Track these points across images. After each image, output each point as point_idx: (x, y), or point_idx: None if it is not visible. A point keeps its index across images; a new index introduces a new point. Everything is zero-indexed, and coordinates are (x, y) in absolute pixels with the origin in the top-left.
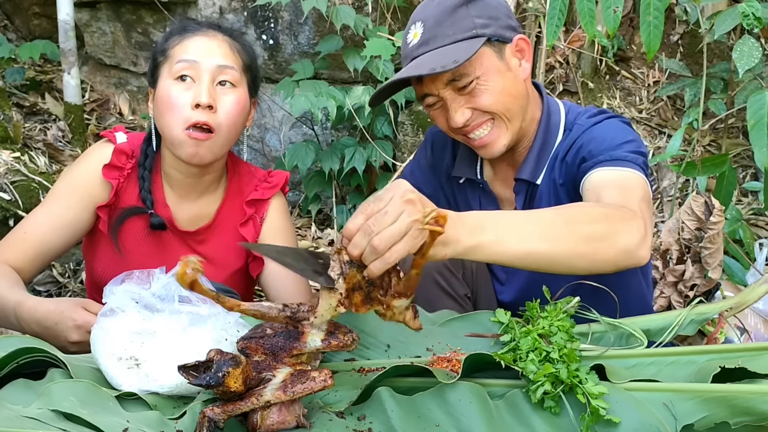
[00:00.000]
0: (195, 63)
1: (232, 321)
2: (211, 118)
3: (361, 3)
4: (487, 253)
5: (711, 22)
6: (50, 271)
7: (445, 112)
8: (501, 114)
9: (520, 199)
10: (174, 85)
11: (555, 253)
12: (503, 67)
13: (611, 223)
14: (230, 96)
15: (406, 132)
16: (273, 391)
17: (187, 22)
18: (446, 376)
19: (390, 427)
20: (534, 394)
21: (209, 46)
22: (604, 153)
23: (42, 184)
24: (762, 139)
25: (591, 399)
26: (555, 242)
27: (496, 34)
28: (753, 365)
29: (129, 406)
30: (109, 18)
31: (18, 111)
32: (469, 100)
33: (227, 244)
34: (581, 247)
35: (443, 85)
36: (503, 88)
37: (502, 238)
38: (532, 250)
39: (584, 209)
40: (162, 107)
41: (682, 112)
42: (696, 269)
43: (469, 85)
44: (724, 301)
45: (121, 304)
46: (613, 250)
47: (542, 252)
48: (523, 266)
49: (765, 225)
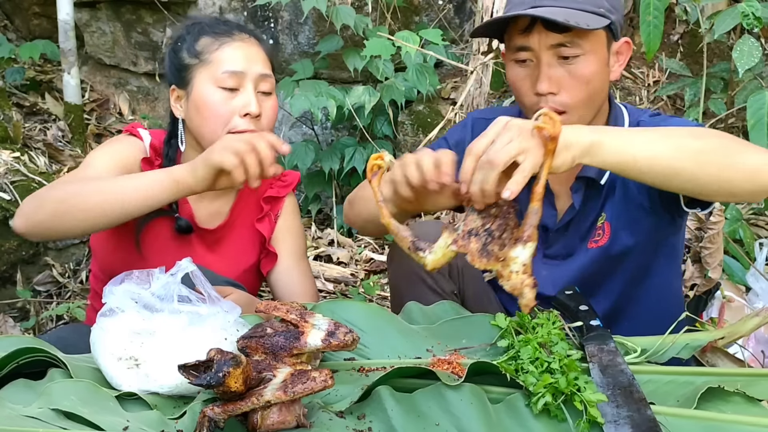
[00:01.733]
0: (241, 74)
1: (231, 320)
2: (256, 125)
3: (361, 3)
4: (612, 151)
5: (711, 22)
6: (50, 271)
7: (532, 74)
8: (580, 104)
9: (579, 196)
10: (217, 92)
11: (682, 156)
12: (606, 59)
13: (738, 141)
14: (269, 103)
15: (406, 132)
16: (273, 391)
17: (214, 22)
18: (449, 379)
19: (390, 426)
20: (535, 406)
21: (250, 54)
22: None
23: (42, 184)
24: (762, 139)
25: (588, 407)
26: (681, 147)
27: (615, 23)
28: (751, 391)
29: (129, 406)
30: (109, 18)
31: (18, 111)
32: (564, 72)
33: (243, 241)
34: (710, 155)
35: (548, 46)
36: (598, 77)
37: (626, 138)
38: (657, 153)
39: (707, 129)
40: (205, 113)
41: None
42: (696, 269)
43: (574, 57)
44: (717, 331)
45: (120, 304)
46: (744, 164)
47: (668, 156)
48: (647, 173)
49: (765, 225)
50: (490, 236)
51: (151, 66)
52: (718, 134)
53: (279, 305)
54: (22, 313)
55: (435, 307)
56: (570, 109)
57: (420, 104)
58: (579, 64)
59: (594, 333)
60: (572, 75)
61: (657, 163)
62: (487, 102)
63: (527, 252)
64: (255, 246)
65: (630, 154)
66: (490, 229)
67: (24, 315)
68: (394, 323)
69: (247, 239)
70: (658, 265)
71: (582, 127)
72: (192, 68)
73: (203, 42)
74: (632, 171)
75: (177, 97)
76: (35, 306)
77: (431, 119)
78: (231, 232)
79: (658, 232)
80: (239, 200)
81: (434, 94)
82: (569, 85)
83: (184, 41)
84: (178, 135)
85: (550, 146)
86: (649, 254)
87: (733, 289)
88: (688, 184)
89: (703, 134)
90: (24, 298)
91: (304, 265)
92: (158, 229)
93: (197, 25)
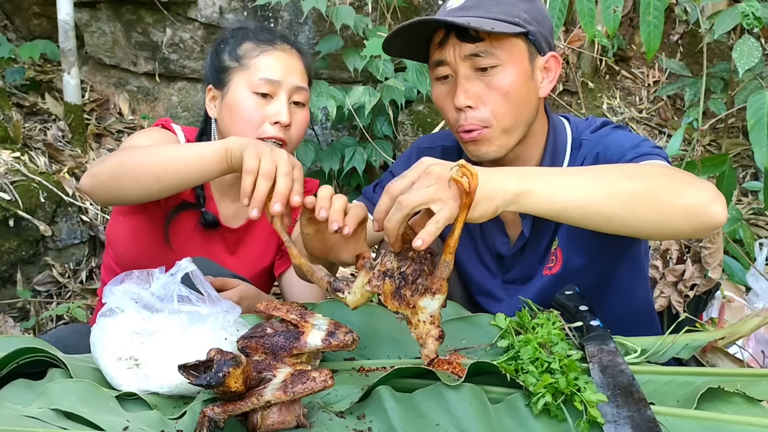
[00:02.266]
0: (277, 83)
1: (231, 320)
2: (285, 134)
3: (361, 3)
4: (540, 200)
5: (711, 22)
6: (50, 271)
7: (452, 89)
8: (501, 117)
9: (528, 222)
10: (251, 97)
11: (614, 202)
12: (528, 72)
13: (675, 179)
14: (301, 114)
15: (406, 132)
16: (273, 391)
17: (260, 29)
18: (449, 380)
19: (390, 426)
20: (535, 406)
21: (289, 65)
22: (628, 153)
23: (42, 184)
24: (762, 139)
25: (588, 407)
26: (613, 192)
27: (535, 36)
28: (751, 391)
29: (129, 406)
30: (109, 18)
31: (18, 111)
32: (482, 85)
33: (261, 242)
34: (643, 198)
35: (463, 58)
36: (519, 90)
37: (555, 185)
38: (588, 200)
39: (642, 165)
40: (237, 116)
41: (682, 112)
42: (696, 269)
43: (490, 68)
44: (717, 331)
45: (120, 304)
46: (681, 204)
47: (600, 202)
48: (578, 221)
49: (765, 225)
50: (404, 280)
51: (151, 66)
52: (658, 172)
53: (279, 305)
54: (22, 313)
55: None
56: (491, 123)
57: (420, 104)
58: (496, 75)
59: (594, 333)
60: (490, 87)
61: (588, 211)
62: None
63: (435, 303)
64: (272, 248)
65: (560, 203)
66: (405, 273)
67: (24, 315)
68: (394, 323)
69: (265, 241)
70: (620, 277)
71: (508, 173)
72: (231, 71)
73: (245, 47)
74: (562, 218)
75: (212, 96)
76: (35, 306)
77: (431, 119)
78: (251, 232)
79: (613, 248)
80: None
81: None
82: (488, 99)
83: (227, 44)
84: (210, 133)
85: (466, 200)
86: (607, 268)
87: (733, 289)
88: (623, 228)
89: (639, 174)
90: (24, 298)
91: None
92: (184, 223)
93: (242, 30)
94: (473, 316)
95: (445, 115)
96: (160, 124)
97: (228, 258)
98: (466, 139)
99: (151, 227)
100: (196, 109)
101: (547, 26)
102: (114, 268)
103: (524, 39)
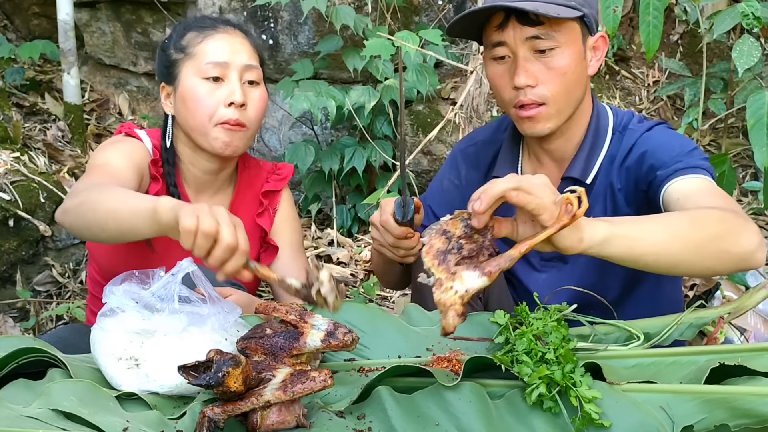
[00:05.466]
0: (225, 64)
1: (231, 321)
2: (242, 115)
3: (361, 3)
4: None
5: (710, 22)
6: (50, 271)
7: (510, 69)
8: (558, 96)
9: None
10: (202, 83)
11: (683, 251)
12: (582, 52)
13: (733, 225)
14: (256, 92)
15: (406, 132)
16: (273, 391)
17: (200, 18)
18: (446, 378)
19: (390, 426)
20: (529, 397)
21: (234, 45)
22: (678, 161)
23: (42, 184)
24: (761, 139)
25: (584, 403)
26: (684, 244)
27: (589, 17)
28: (753, 364)
29: (129, 406)
30: (109, 18)
31: (18, 111)
32: (541, 65)
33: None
34: (707, 247)
35: (523, 40)
36: (574, 70)
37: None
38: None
39: (707, 212)
40: (191, 105)
41: (681, 112)
42: None
43: (549, 50)
44: (723, 306)
45: (121, 303)
46: (737, 251)
47: (672, 252)
48: (651, 267)
49: (765, 225)
50: (457, 248)
51: (151, 66)
52: (719, 218)
53: (278, 306)
54: (22, 313)
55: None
56: (548, 101)
57: (420, 104)
58: (555, 57)
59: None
60: (549, 67)
61: (661, 260)
62: (487, 102)
63: (478, 282)
64: (255, 241)
65: (637, 252)
66: (461, 243)
67: (24, 315)
68: (394, 323)
69: (248, 235)
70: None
71: (598, 222)
72: (178, 63)
73: (188, 36)
74: (636, 265)
75: (167, 94)
76: (35, 306)
77: (431, 119)
78: None
79: None
80: (237, 196)
81: (434, 94)
82: (546, 78)
83: (171, 39)
84: (167, 131)
85: (567, 220)
86: None
87: (733, 289)
88: (687, 272)
89: (705, 220)
90: (24, 298)
91: (302, 257)
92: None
93: (183, 23)
94: (473, 314)
95: (500, 93)
96: (124, 131)
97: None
98: (522, 115)
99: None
100: None
101: (596, 7)
102: (99, 280)
103: (579, 21)
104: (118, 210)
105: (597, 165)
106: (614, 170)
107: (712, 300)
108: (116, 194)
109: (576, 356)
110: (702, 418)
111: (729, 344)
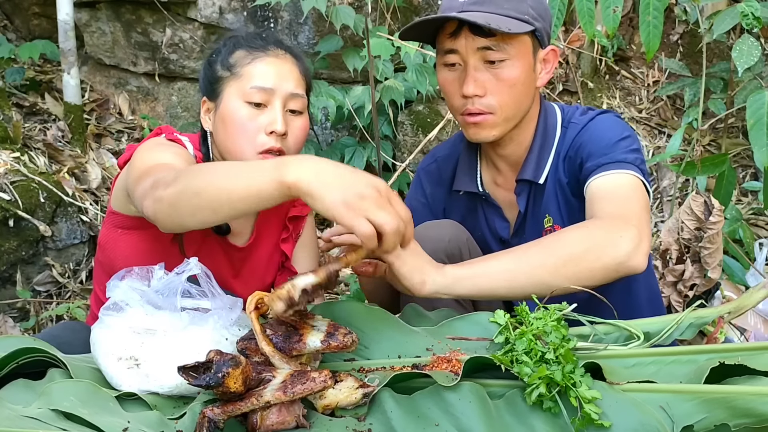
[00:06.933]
0: (270, 90)
1: (233, 319)
2: (283, 144)
3: (361, 3)
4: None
5: (710, 22)
6: (50, 271)
7: (460, 77)
8: (506, 106)
9: (522, 200)
10: (244, 107)
11: (536, 277)
12: (532, 65)
13: (595, 241)
14: (299, 122)
15: (406, 132)
16: (273, 392)
17: (252, 36)
18: (446, 379)
19: (389, 426)
20: (529, 397)
21: (282, 71)
22: (602, 155)
23: (42, 184)
24: (761, 139)
25: (583, 403)
26: (533, 268)
27: (540, 31)
28: (753, 363)
29: (129, 406)
30: (109, 18)
31: (18, 111)
32: (490, 76)
33: (265, 260)
34: (564, 269)
35: (474, 50)
36: (523, 82)
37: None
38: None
39: (560, 235)
40: (231, 128)
41: (681, 112)
42: (695, 269)
43: (499, 61)
44: (723, 306)
45: (126, 297)
46: (601, 265)
47: (523, 279)
48: (509, 294)
49: (765, 225)
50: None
51: (151, 66)
52: (576, 237)
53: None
54: (22, 313)
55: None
56: (496, 111)
57: (420, 104)
58: (505, 68)
59: None
60: (498, 78)
61: (515, 289)
62: None
63: (310, 279)
64: (274, 264)
65: (484, 288)
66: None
67: (24, 315)
68: (394, 324)
69: (269, 258)
70: None
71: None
72: (223, 81)
73: (237, 55)
74: (492, 297)
75: (207, 109)
76: (35, 306)
77: (431, 119)
78: (256, 251)
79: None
80: (261, 218)
81: (434, 94)
82: (495, 89)
83: (219, 53)
84: (207, 146)
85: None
86: None
87: (733, 289)
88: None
89: (557, 246)
90: (24, 298)
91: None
92: (192, 234)
93: (234, 38)
94: (473, 314)
95: (450, 100)
96: (164, 134)
97: (232, 280)
98: (469, 122)
99: (155, 243)
100: (195, 109)
101: (548, 20)
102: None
103: (530, 35)
104: (232, 191)
105: (548, 164)
106: (560, 165)
107: (712, 300)
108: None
109: (576, 356)
110: (702, 418)
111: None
